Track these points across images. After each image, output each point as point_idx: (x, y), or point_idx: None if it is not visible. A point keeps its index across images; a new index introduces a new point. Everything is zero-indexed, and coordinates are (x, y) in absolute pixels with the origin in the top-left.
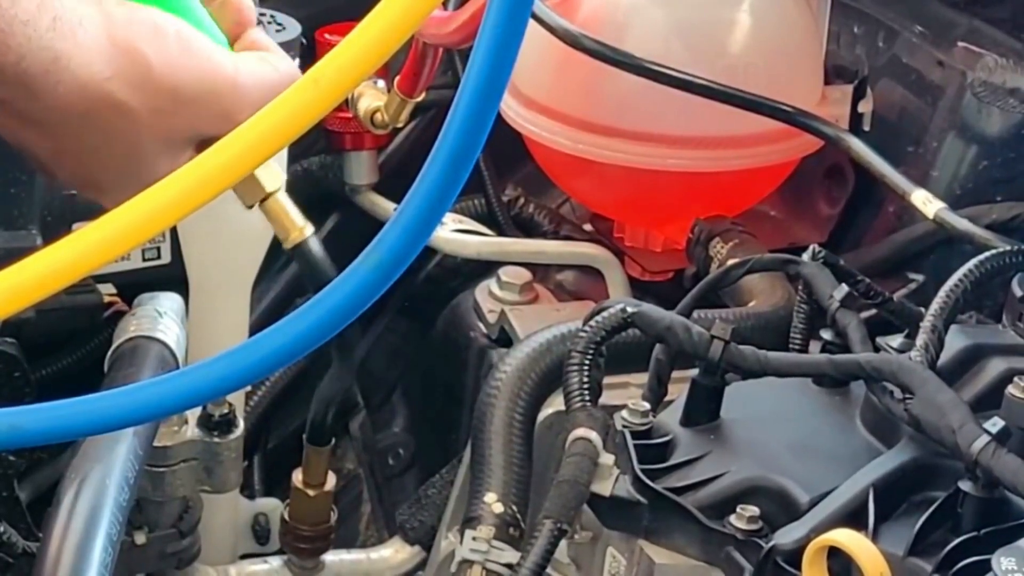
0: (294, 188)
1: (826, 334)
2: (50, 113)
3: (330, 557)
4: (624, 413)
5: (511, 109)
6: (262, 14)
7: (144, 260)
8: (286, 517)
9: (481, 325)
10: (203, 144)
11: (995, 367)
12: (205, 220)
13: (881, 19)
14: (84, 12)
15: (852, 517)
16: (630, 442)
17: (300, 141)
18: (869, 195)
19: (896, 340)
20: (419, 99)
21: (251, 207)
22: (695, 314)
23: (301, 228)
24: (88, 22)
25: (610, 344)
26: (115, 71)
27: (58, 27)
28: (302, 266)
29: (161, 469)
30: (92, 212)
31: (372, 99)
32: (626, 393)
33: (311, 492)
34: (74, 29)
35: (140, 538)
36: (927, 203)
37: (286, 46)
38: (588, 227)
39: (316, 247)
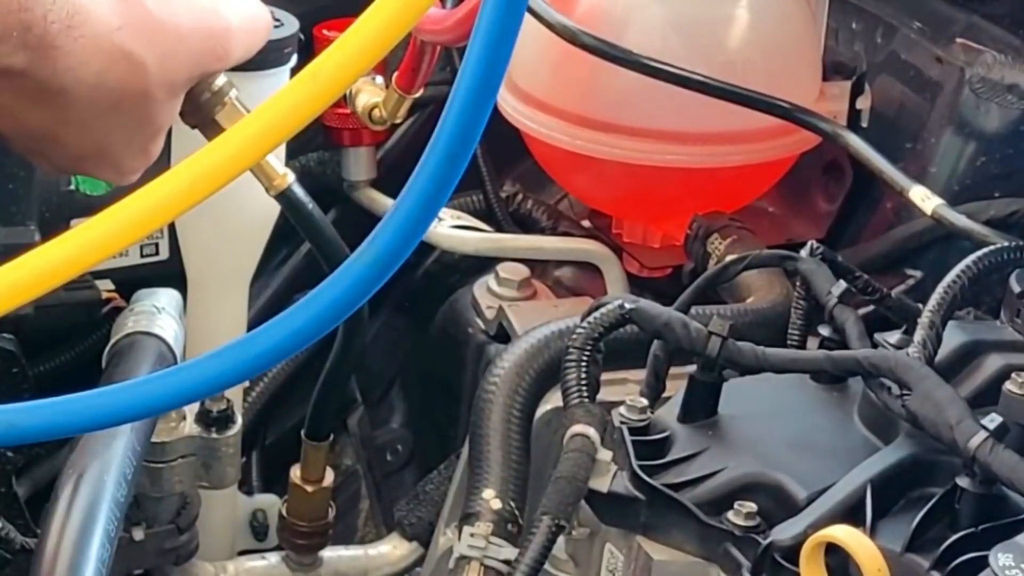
0: None
1: (824, 330)
2: (68, 76)
3: (328, 553)
4: (622, 409)
5: (509, 105)
6: None
7: (142, 256)
8: (284, 513)
9: (479, 321)
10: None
11: (993, 363)
12: (203, 216)
13: (879, 15)
14: None
15: (850, 513)
16: (628, 438)
17: (298, 137)
18: (867, 191)
19: (894, 336)
20: (417, 95)
21: None
22: (693, 310)
23: (283, 175)
24: None
25: (608, 340)
26: (123, 20)
27: None
28: (287, 210)
29: (159, 465)
30: (90, 208)
31: (370, 95)
32: (624, 389)
33: (309, 488)
34: None
35: (138, 534)
36: (925, 199)
37: (284, 42)
38: (586, 223)
39: (300, 192)
